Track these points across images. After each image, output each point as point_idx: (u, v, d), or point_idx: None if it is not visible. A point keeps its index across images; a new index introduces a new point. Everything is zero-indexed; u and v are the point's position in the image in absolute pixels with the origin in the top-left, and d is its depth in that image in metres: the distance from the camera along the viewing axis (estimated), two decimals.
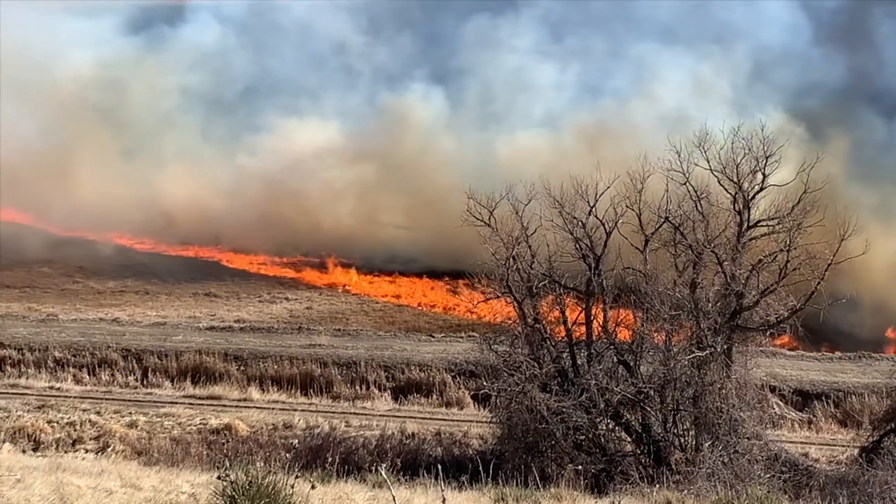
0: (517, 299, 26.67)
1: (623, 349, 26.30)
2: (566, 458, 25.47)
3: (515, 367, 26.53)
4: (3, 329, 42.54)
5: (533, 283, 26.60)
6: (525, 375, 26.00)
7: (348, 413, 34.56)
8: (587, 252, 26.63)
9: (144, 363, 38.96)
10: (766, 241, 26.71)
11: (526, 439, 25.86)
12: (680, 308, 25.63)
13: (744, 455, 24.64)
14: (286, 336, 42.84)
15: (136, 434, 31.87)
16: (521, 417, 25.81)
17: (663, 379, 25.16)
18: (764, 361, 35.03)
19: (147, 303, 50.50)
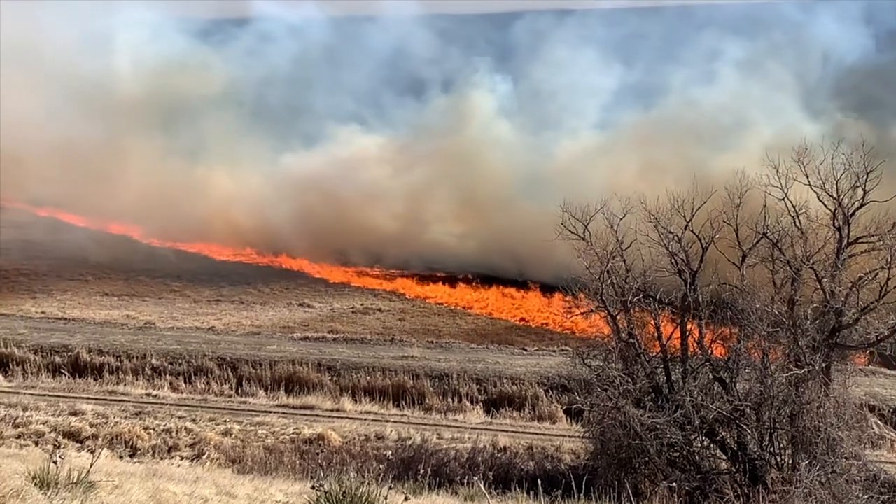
0: (611, 314, 26.68)
1: (719, 366, 26.14)
2: (660, 475, 25.40)
3: (609, 382, 26.52)
4: (102, 336, 43.62)
5: (627, 298, 26.57)
6: (618, 391, 25.98)
7: (440, 425, 34.76)
8: (683, 267, 26.56)
9: (239, 372, 39.62)
10: (867, 257, 26.34)
11: (619, 455, 25.84)
12: (777, 325, 25.38)
13: (841, 475, 24.31)
14: (379, 347, 43.27)
15: (230, 442, 32.41)
16: (615, 433, 25.78)
17: (760, 397, 24.93)
18: (863, 380, 34.55)
19: (242, 312, 51.32)
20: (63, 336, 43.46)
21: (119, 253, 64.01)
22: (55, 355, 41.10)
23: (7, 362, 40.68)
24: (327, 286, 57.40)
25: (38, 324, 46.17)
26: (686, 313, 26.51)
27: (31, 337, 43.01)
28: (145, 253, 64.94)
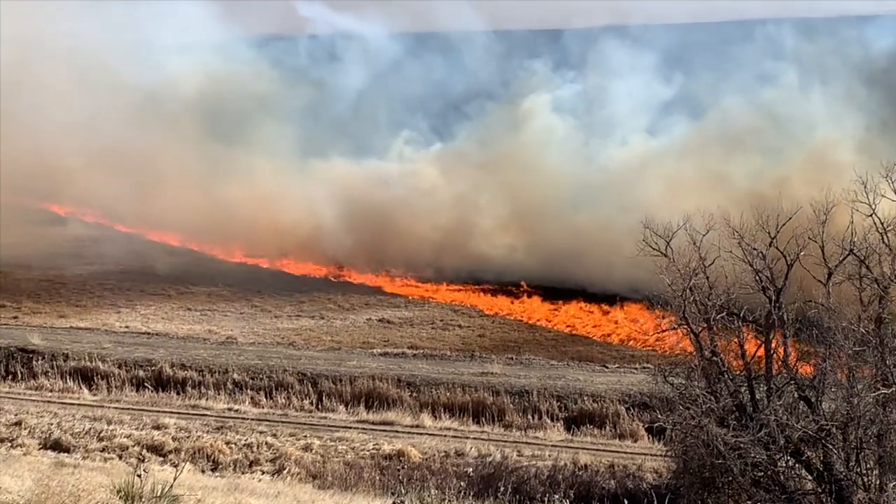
0: (694, 331, 26.55)
1: (804, 384, 25.87)
2: (744, 495, 25.19)
3: (691, 400, 26.38)
4: (184, 351, 44.33)
5: (710, 315, 26.42)
6: (701, 409, 25.82)
7: (520, 442, 34.80)
8: (767, 284, 26.35)
9: (319, 387, 39.99)
10: None
11: (702, 474, 25.68)
12: (864, 343, 25.06)
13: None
14: (459, 363, 43.41)
15: (310, 457, 32.75)
16: (697, 452, 25.63)
17: (846, 416, 24.62)
18: None
19: (322, 328, 51.80)
20: (146, 350, 44.25)
21: (199, 268, 65.03)
22: (139, 369, 41.86)
23: (92, 376, 41.50)
24: (406, 302, 57.69)
25: (122, 338, 47.07)
26: (770, 331, 26.29)
27: (115, 351, 43.85)
28: (225, 268, 65.82)
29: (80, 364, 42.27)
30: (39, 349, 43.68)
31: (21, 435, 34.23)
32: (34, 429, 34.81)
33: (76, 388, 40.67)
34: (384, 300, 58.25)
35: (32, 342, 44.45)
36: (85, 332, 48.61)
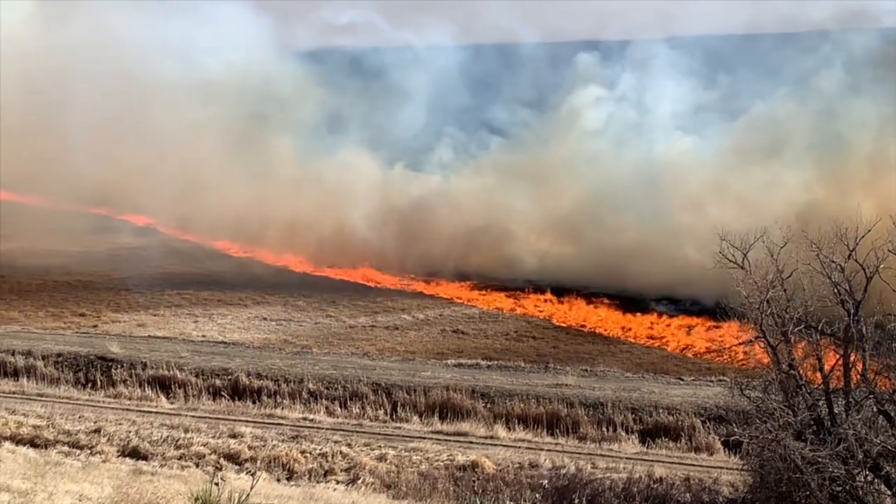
0: (771, 344, 26.37)
1: (883, 398, 25.56)
2: None
3: (768, 414, 26.20)
4: (260, 360, 44.87)
5: (788, 328, 26.24)
6: (778, 423, 25.64)
7: (595, 454, 34.72)
8: (846, 297, 26.10)
9: (394, 398, 40.25)
10: None
11: (779, 489, 25.48)
12: None
13: None
14: (533, 375, 43.44)
15: (385, 467, 32.95)
16: (774, 466, 25.44)
17: None
18: None
19: (396, 338, 52.13)
20: (223, 360, 44.85)
21: (276, 277, 65.82)
22: (215, 378, 42.44)
23: (170, 385, 42.17)
24: (481, 313, 57.81)
25: (199, 347, 47.77)
26: (849, 344, 26.03)
27: (192, 360, 44.51)
28: (300, 278, 66.50)
29: (158, 373, 42.97)
30: (118, 357, 44.48)
31: (100, 442, 34.85)
32: (113, 436, 35.42)
33: (154, 397, 41.33)
34: (458, 311, 58.43)
35: (112, 351, 45.29)
36: (163, 340, 49.41)
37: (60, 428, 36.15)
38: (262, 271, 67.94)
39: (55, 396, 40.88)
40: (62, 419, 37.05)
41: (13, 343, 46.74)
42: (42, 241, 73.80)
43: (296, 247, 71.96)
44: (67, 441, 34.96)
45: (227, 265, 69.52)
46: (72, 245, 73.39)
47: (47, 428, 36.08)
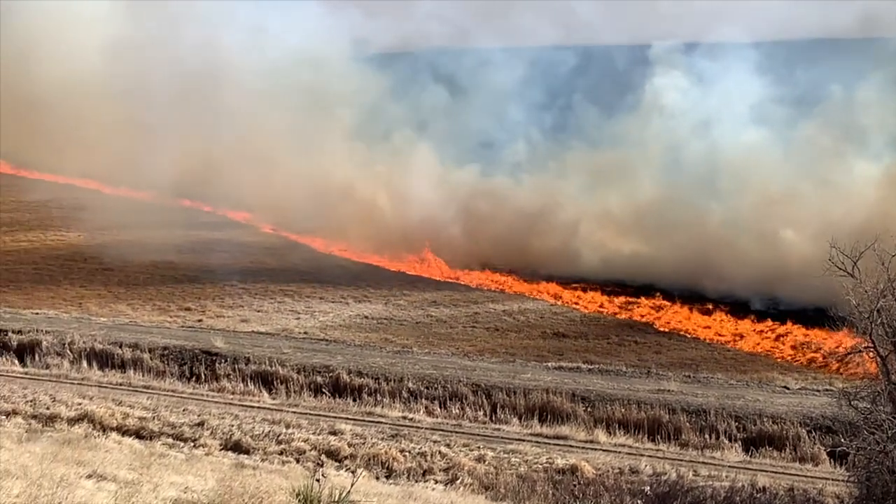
0: (881, 355, 25.83)
1: None
2: None
3: (876, 425, 25.66)
4: (361, 358, 45.23)
5: None
6: (887, 434, 25.11)
7: (696, 462, 34.40)
8: None
9: (493, 399, 40.28)
10: None
11: (885, 502, 24.97)
12: None
13: None
14: (634, 380, 43.17)
15: (483, 469, 33.02)
16: (882, 478, 24.91)
17: None
18: None
19: (496, 339, 52.10)
20: (324, 357, 45.31)
21: (374, 275, 66.28)
22: (317, 375, 42.89)
23: (272, 380, 42.73)
24: (582, 316, 57.52)
25: (301, 344, 48.31)
26: None
27: (294, 356, 45.03)
28: (397, 276, 66.85)
29: (261, 368, 43.58)
30: (222, 352, 45.21)
31: (203, 435, 35.50)
32: (216, 430, 36.04)
33: (256, 392, 41.91)
34: (559, 313, 58.19)
35: (216, 345, 46.03)
36: (265, 336, 50.07)
37: (165, 420, 36.88)
38: (358, 269, 68.39)
39: (160, 389, 41.74)
40: (167, 411, 37.80)
41: (121, 335, 47.76)
42: (141, 233, 75.27)
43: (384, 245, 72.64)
44: (172, 433, 35.67)
45: (322, 261, 70.19)
46: (169, 238, 74.73)
47: (152, 420, 36.83)
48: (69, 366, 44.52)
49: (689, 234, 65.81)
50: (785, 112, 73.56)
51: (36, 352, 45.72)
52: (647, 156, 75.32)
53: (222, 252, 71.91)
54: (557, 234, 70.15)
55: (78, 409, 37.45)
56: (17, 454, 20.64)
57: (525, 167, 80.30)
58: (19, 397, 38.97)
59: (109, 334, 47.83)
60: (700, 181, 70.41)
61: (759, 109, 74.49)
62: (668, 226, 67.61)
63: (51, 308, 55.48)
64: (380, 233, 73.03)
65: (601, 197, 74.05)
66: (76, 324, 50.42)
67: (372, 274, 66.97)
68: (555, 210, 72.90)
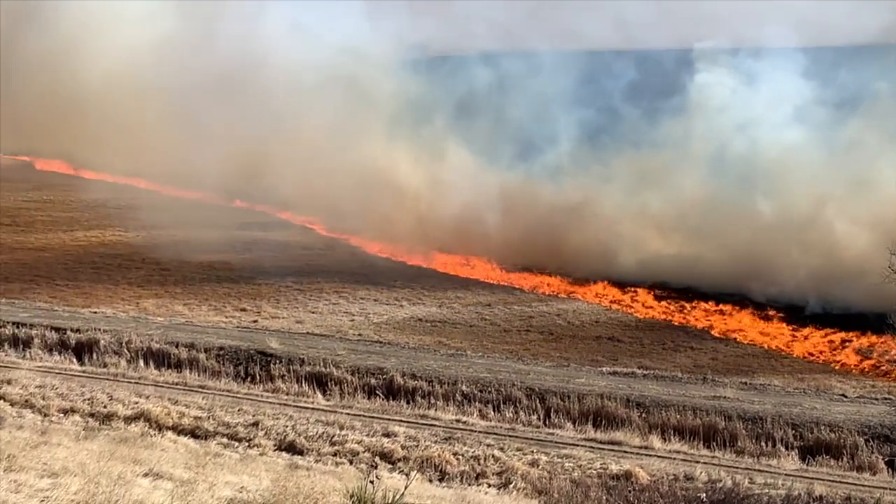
0: None
1: None
2: None
3: None
4: (415, 361, 45.29)
5: None
6: None
7: (752, 469, 34.09)
8: None
9: (547, 403, 40.14)
10: None
11: None
12: None
13: None
14: (690, 386, 42.87)
15: (537, 473, 32.90)
16: None
17: None
18: None
19: (551, 344, 51.99)
20: (378, 359, 45.40)
21: (429, 277, 66.41)
22: (371, 377, 42.99)
23: (326, 382, 42.88)
24: (637, 321, 57.26)
25: (355, 346, 48.46)
26: None
27: (348, 358, 45.17)
28: (450, 279, 66.92)
29: (315, 369, 43.76)
30: (277, 353, 45.46)
31: (258, 435, 35.68)
32: (270, 430, 36.20)
33: (310, 393, 42.07)
34: (614, 318, 57.97)
35: (271, 346, 46.31)
36: (320, 337, 50.31)
37: (220, 420, 37.12)
38: (412, 271, 68.58)
39: (216, 389, 42.01)
40: (222, 411, 38.03)
41: (177, 335, 48.19)
42: (196, 233, 76.03)
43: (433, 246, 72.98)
44: (226, 433, 35.88)
45: (375, 263, 70.60)
46: (224, 238, 75.46)
47: (208, 419, 37.09)
48: (126, 365, 44.99)
49: (736, 235, 65.47)
50: (829, 113, 73.06)
51: (94, 350, 46.27)
52: (691, 156, 75.37)
53: (276, 253, 72.55)
54: (601, 236, 70.14)
55: (135, 408, 37.79)
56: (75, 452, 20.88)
57: (568, 169, 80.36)
58: (77, 395, 39.39)
59: (166, 334, 48.30)
60: (745, 182, 70.26)
61: (803, 110, 73.99)
62: (714, 227, 67.40)
63: (109, 307, 56.20)
64: (428, 235, 73.33)
65: (645, 198, 74.02)
66: (133, 323, 50.99)
67: (425, 276, 67.14)
68: (598, 211, 72.88)
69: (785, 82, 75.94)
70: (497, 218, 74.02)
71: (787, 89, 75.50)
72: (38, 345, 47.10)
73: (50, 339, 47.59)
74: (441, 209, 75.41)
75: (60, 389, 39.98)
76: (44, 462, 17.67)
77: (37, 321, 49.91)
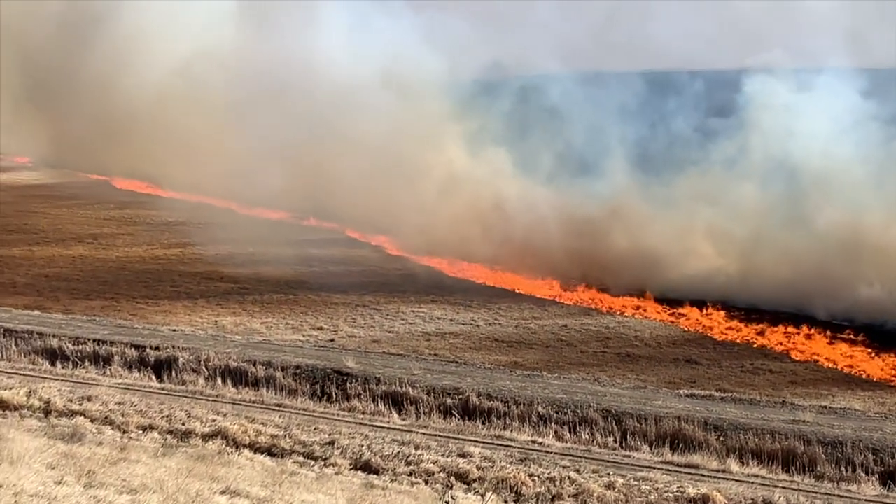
0: None
1: None
2: None
3: None
4: (491, 381, 45.39)
5: None
6: None
7: (832, 495, 33.73)
8: None
9: (623, 425, 40.02)
10: None
11: None
12: None
13: None
14: (768, 409, 42.48)
15: (613, 495, 32.81)
16: None
17: None
18: None
19: (628, 365, 51.86)
20: (454, 379, 45.57)
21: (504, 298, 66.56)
22: (446, 397, 43.16)
23: (402, 401, 43.12)
24: (715, 344, 56.85)
25: (431, 365, 48.71)
26: None
27: (424, 378, 45.38)
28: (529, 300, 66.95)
29: (391, 388, 44.02)
30: (353, 372, 45.81)
31: (333, 454, 35.95)
32: (346, 449, 36.46)
33: (386, 412, 42.33)
34: (691, 339, 57.67)
35: (347, 365, 46.67)
36: (396, 357, 50.64)
37: (296, 438, 37.48)
38: (489, 291, 68.80)
39: (292, 407, 42.43)
40: (298, 430, 38.39)
41: (255, 354, 48.75)
42: (274, 251, 77.01)
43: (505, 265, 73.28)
44: (302, 452, 36.21)
45: (452, 283, 70.88)
46: (300, 256, 76.37)
47: (284, 438, 37.46)
48: (204, 382, 45.61)
49: (798, 251, 64.75)
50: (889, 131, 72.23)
51: (173, 368, 46.99)
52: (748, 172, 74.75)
53: (350, 268, 73.29)
54: (660, 251, 69.87)
55: (212, 426, 38.30)
56: (154, 468, 21.32)
57: (626, 186, 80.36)
58: (156, 412, 40.02)
59: (243, 352, 48.89)
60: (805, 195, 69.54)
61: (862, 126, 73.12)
62: (773, 242, 66.74)
63: (188, 324, 57.10)
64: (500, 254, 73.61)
65: (704, 214, 73.56)
66: (212, 341, 51.69)
67: (502, 296, 67.26)
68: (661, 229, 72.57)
69: (843, 97, 75.23)
70: (562, 237, 74.01)
71: (845, 104, 74.77)
72: (118, 362, 47.93)
73: (130, 357, 48.41)
74: (509, 228, 75.65)
75: (139, 406, 40.64)
76: (123, 478, 18.08)
77: (117, 338, 50.78)
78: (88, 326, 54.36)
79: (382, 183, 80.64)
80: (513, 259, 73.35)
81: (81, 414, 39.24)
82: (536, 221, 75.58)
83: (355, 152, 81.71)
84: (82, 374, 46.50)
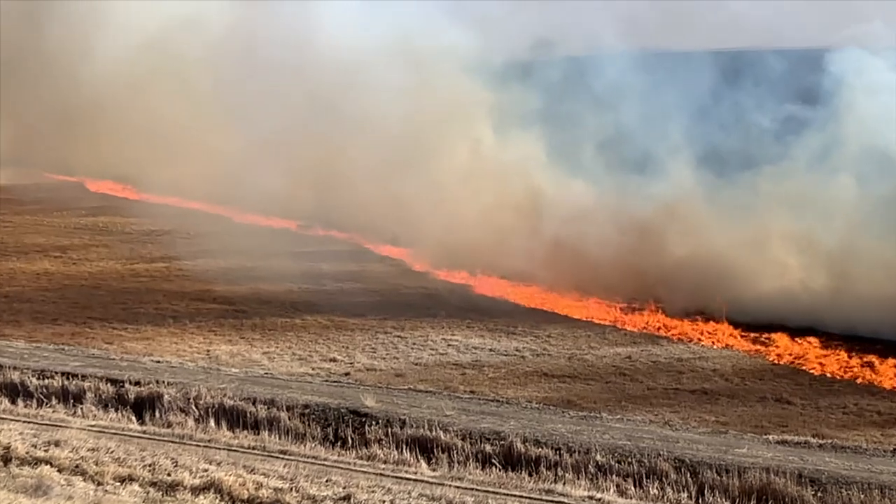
0: None
1: None
2: None
3: None
4: (539, 424, 45.10)
5: None
6: None
7: None
8: None
9: (700, 478, 39.67)
10: None
11: None
12: None
13: None
14: (876, 459, 42.05)
15: None
16: None
17: None
18: None
19: (704, 405, 51.51)
20: (494, 421, 45.32)
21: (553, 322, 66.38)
22: (485, 443, 42.89)
23: (432, 448, 42.81)
24: (811, 379, 56.39)
25: (467, 404, 48.46)
26: None
27: (458, 420, 45.16)
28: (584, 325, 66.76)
29: (419, 433, 43.78)
30: (373, 412, 45.63)
31: None
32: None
33: (413, 461, 42.08)
34: (781, 373, 57.24)
35: (366, 404, 46.48)
36: (425, 394, 50.42)
37: (304, 492, 37.31)
38: (533, 314, 68.66)
39: (299, 455, 42.30)
40: (307, 482, 38.21)
41: (254, 389, 48.69)
42: (276, 266, 77.16)
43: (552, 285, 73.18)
44: None
45: (490, 305, 70.75)
46: (308, 273, 76.49)
47: (290, 491, 37.29)
48: (194, 424, 45.55)
49: None
50: None
51: (156, 407, 46.91)
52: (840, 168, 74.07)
53: (369, 289, 73.22)
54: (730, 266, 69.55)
55: (203, 477, 38.17)
56: None
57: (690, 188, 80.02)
58: (136, 460, 39.90)
59: (241, 388, 48.79)
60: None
61: None
62: (873, 254, 66.18)
63: (174, 355, 57.16)
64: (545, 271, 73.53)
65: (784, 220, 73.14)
66: (203, 375, 51.64)
67: (551, 320, 67.02)
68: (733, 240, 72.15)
69: None
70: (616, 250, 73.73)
71: None
72: (92, 399, 47.92)
73: (105, 393, 48.40)
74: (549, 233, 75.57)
75: (117, 453, 40.56)
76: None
77: (90, 371, 50.81)
78: (56, 357, 54.48)
79: (398, 180, 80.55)
80: (554, 272, 73.07)
81: (48, 462, 39.17)
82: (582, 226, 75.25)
83: (366, 143, 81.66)
84: (49, 415, 46.49)
